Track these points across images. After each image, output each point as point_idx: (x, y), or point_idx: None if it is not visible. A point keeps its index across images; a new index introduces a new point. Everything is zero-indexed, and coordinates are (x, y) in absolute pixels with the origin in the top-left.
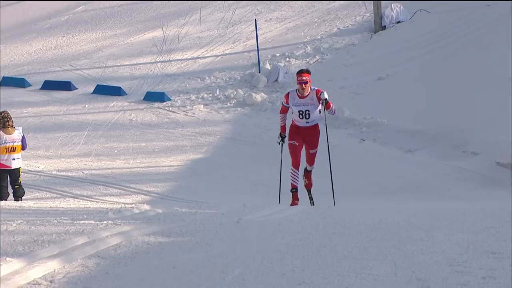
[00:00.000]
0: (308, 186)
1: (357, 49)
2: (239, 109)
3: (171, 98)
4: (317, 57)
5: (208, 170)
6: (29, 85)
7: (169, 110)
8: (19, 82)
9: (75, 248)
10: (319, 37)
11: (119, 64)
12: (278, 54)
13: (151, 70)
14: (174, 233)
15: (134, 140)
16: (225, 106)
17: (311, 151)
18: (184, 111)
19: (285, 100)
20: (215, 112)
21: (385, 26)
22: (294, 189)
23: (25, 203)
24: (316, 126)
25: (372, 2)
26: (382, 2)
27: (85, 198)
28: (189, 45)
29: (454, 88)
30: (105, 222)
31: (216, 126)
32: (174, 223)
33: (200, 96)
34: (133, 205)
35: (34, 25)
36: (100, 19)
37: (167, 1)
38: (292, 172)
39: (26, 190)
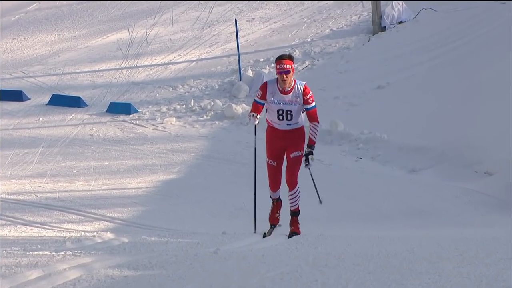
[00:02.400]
0: (295, 230)
1: (353, 53)
2: (216, 122)
3: (139, 110)
4: (307, 63)
5: (181, 193)
6: None
7: (136, 124)
8: None
9: (27, 283)
10: (309, 40)
11: (78, 70)
12: (262, 59)
13: (115, 78)
14: (142, 265)
15: (95, 159)
16: (201, 119)
17: (292, 155)
18: (153, 125)
19: (260, 94)
20: (189, 126)
21: (385, 27)
22: (275, 200)
23: None
24: (300, 129)
25: (369, 0)
26: (381, 0)
27: (39, 225)
28: (159, 49)
29: (465, 98)
30: (62, 253)
31: (190, 142)
32: (142, 254)
33: (172, 108)
34: (95, 234)
35: None
36: (56, 19)
37: None
38: (270, 192)
39: None
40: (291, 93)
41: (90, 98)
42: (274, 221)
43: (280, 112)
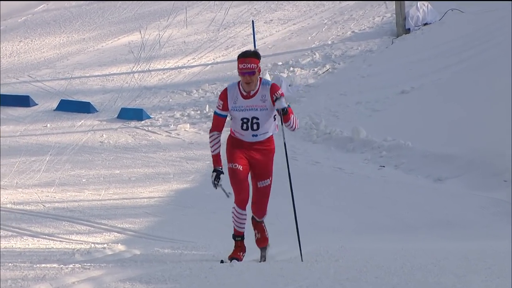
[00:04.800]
0: (262, 243)
1: (375, 56)
2: None
3: (151, 116)
4: (328, 66)
5: (195, 203)
6: None
7: (148, 131)
8: None
9: None
10: (329, 42)
11: (88, 74)
12: (280, 63)
13: (126, 82)
14: (154, 279)
15: (106, 167)
16: None
17: (260, 184)
18: (166, 131)
19: (221, 104)
20: (204, 132)
21: (409, 29)
22: (239, 237)
23: None
24: (269, 141)
25: (393, 0)
26: (406, 0)
27: (46, 236)
28: (172, 52)
29: (493, 103)
30: (71, 265)
31: (205, 150)
32: (154, 267)
33: (186, 114)
34: (105, 245)
35: None
36: (65, 20)
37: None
38: (235, 212)
39: None
40: (256, 95)
41: (100, 103)
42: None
43: (245, 120)
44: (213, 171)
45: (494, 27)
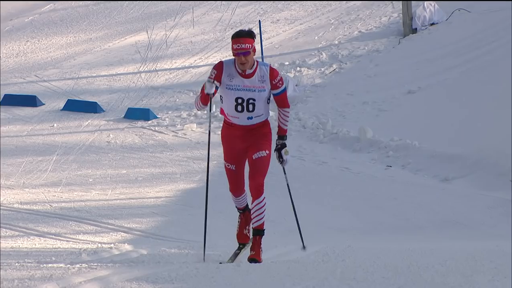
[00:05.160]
0: (255, 257)
1: (382, 56)
2: None
3: (158, 116)
4: (334, 66)
5: (202, 203)
6: None
7: (155, 130)
8: None
9: None
10: (336, 42)
11: (94, 74)
12: (287, 63)
13: (133, 82)
14: (161, 278)
15: (113, 167)
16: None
17: (255, 156)
18: (173, 131)
19: (214, 73)
20: (211, 132)
21: (416, 28)
22: (241, 210)
23: None
24: (264, 125)
25: (400, 0)
26: (412, 0)
27: (53, 236)
28: (179, 52)
29: (500, 103)
30: (78, 265)
31: (212, 150)
32: (161, 267)
33: (193, 113)
34: (112, 245)
35: None
36: (71, 20)
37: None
38: (233, 198)
39: None
40: (253, 76)
41: (107, 103)
42: (243, 239)
43: (240, 101)
44: (208, 81)
45: (501, 27)
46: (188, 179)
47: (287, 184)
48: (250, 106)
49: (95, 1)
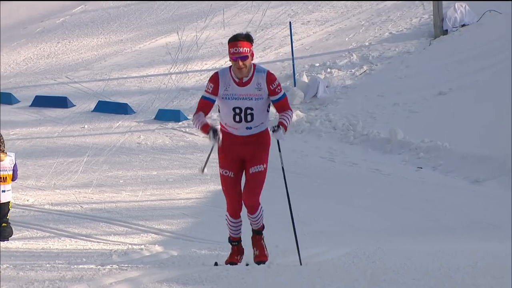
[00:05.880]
0: (260, 258)
1: (413, 58)
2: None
3: (188, 117)
4: (365, 68)
5: None
6: (17, 101)
7: (185, 132)
8: (4, 98)
9: None
10: (367, 44)
11: (125, 76)
12: (317, 64)
13: (164, 83)
14: (191, 280)
15: (143, 168)
16: None
17: (252, 170)
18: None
19: (211, 87)
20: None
21: (447, 30)
22: (235, 242)
23: (11, 244)
24: (264, 134)
25: (431, 1)
26: (443, 1)
27: (84, 237)
28: (210, 53)
29: None
30: (109, 266)
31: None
32: (191, 268)
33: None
34: (142, 246)
35: (23, 29)
36: (102, 21)
37: (184, 0)
38: (229, 221)
39: (13, 228)
40: (250, 83)
41: (137, 104)
42: (232, 260)
43: (237, 110)
44: (209, 132)
45: None
46: (218, 180)
47: (282, 168)
48: (249, 117)
49: (126, 2)
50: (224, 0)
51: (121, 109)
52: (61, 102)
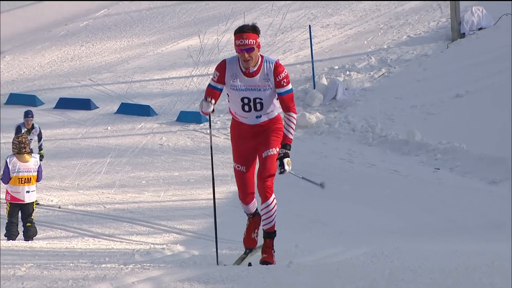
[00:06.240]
0: (268, 259)
1: (430, 60)
2: None
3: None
4: (383, 70)
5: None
6: (41, 103)
7: (207, 133)
8: (29, 100)
9: None
10: (385, 47)
11: (147, 78)
12: (336, 67)
13: (185, 86)
14: (213, 279)
15: (165, 169)
16: None
17: (265, 154)
18: (224, 134)
19: (216, 75)
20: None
21: (464, 33)
22: (251, 215)
23: (36, 244)
24: (276, 121)
25: (448, 5)
26: (460, 4)
27: (107, 237)
28: (231, 56)
29: None
30: (131, 265)
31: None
32: (212, 267)
33: None
34: (164, 246)
35: (47, 32)
36: (125, 25)
37: (205, 3)
38: (243, 206)
39: (37, 227)
40: (258, 74)
41: (159, 106)
42: (250, 244)
43: (246, 100)
44: (204, 99)
45: None
46: None
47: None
48: (258, 106)
49: (148, 5)
50: (245, 0)
51: (144, 111)
52: (84, 104)
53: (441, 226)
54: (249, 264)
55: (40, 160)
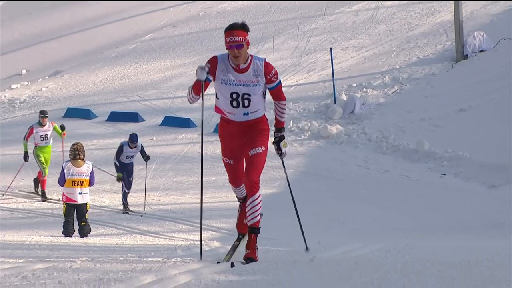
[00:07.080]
0: (251, 255)
1: (437, 79)
2: (313, 141)
3: None
4: (396, 88)
5: (280, 206)
6: (95, 116)
7: None
8: (84, 114)
9: (142, 286)
10: (397, 67)
11: None
12: (354, 84)
13: None
14: (245, 271)
15: (203, 174)
16: (299, 138)
17: (251, 152)
18: None
19: (207, 66)
20: (289, 144)
21: (467, 55)
22: (241, 200)
23: (90, 240)
24: (262, 121)
25: (453, 30)
26: (464, 29)
27: (152, 234)
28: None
29: None
30: (174, 259)
31: (289, 160)
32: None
33: (272, 128)
34: (203, 242)
35: (100, 54)
36: (169, 47)
37: None
38: (233, 188)
39: (91, 226)
40: (248, 70)
41: (199, 119)
42: (242, 229)
43: (235, 96)
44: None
45: None
46: (268, 185)
47: (287, 180)
48: (246, 102)
49: (189, 29)
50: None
51: (185, 123)
52: (133, 117)
53: (447, 225)
54: (232, 265)
55: (147, 160)
